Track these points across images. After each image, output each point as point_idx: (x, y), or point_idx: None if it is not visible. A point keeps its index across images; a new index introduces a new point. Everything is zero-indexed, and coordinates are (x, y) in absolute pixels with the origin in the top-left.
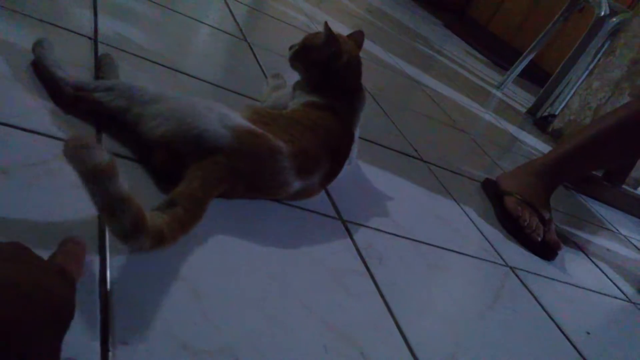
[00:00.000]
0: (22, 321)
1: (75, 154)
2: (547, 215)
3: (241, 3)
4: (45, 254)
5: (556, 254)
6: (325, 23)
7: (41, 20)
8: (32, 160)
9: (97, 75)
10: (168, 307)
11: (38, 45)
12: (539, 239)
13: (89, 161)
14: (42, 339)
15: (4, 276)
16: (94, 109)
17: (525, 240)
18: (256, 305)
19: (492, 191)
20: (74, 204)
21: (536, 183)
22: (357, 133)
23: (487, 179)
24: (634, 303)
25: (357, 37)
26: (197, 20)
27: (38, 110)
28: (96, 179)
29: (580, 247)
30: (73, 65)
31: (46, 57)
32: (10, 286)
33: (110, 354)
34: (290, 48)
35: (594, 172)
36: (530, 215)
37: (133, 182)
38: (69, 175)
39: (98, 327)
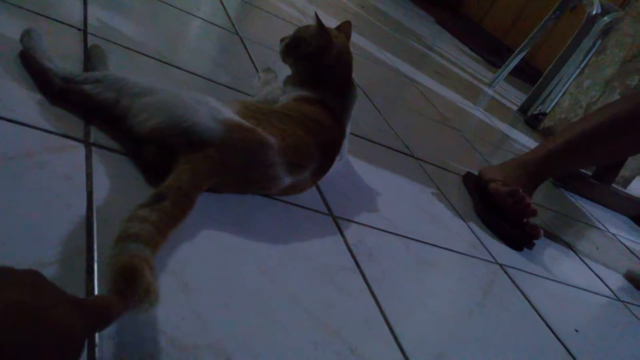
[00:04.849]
0: (33, 347)
1: None
2: None
3: None
4: (36, 249)
5: (533, 244)
6: (316, 14)
7: (30, 11)
8: (19, 152)
9: (86, 67)
10: None
11: (26, 35)
12: (535, 208)
13: None
14: None
15: (21, 301)
16: (82, 101)
17: (516, 216)
18: (246, 300)
19: (474, 183)
20: (62, 198)
21: (521, 176)
22: (349, 128)
23: (468, 172)
24: (622, 301)
25: (345, 29)
26: (189, 13)
27: (25, 101)
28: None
29: (569, 245)
30: (62, 56)
31: (34, 48)
32: (25, 311)
33: (96, 347)
34: (282, 41)
35: (583, 171)
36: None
37: (122, 176)
38: (57, 168)
39: None
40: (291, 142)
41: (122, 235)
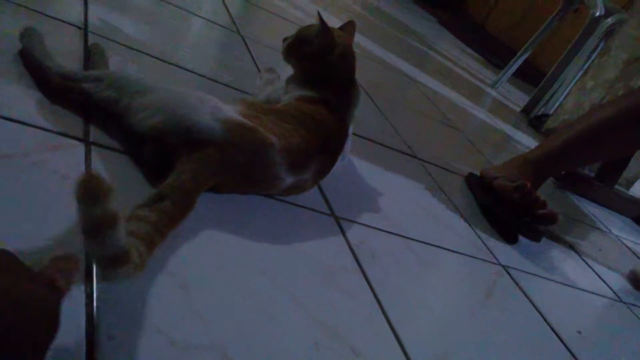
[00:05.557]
0: (9, 331)
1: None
2: None
3: None
4: (34, 249)
5: (541, 235)
6: (319, 13)
7: (30, 9)
8: (18, 151)
9: (87, 66)
10: (156, 302)
11: (26, 33)
12: (545, 203)
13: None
14: (28, 350)
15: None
16: (82, 99)
17: (526, 208)
18: (247, 301)
19: (477, 184)
20: (61, 197)
21: (524, 174)
22: (351, 128)
23: (470, 173)
24: (625, 302)
25: (349, 29)
26: (190, 12)
27: (25, 100)
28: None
29: (572, 246)
30: (62, 54)
31: (34, 46)
32: (2, 300)
33: (96, 348)
34: (284, 40)
35: (586, 172)
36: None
37: (122, 175)
38: (56, 167)
39: (84, 321)
40: (293, 141)
41: None
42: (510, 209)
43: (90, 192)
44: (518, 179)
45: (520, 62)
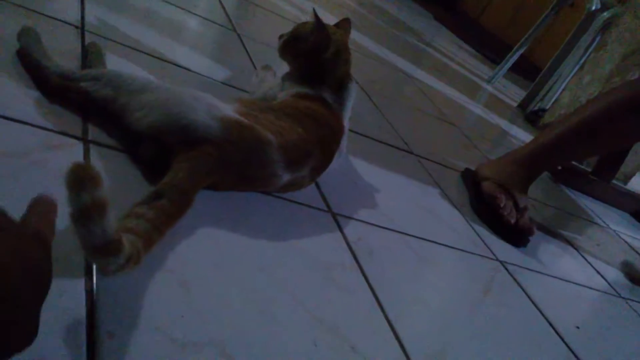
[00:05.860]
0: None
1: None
2: (522, 203)
3: None
4: None
5: (528, 240)
6: (314, 10)
7: (27, 8)
8: (17, 150)
9: (84, 65)
10: (155, 299)
11: (24, 33)
12: (513, 221)
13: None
14: (21, 307)
15: None
16: (80, 98)
17: (497, 223)
18: (245, 298)
19: (470, 181)
20: (60, 196)
21: (516, 171)
22: (347, 125)
23: (467, 168)
24: (622, 297)
25: (344, 26)
26: (186, 10)
27: (23, 99)
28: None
29: (569, 241)
30: (59, 54)
31: (32, 46)
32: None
33: (96, 345)
34: (280, 37)
35: (583, 167)
36: (507, 198)
37: (120, 173)
38: (55, 166)
39: (84, 318)
40: (290, 139)
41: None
42: (493, 213)
43: (79, 178)
44: (502, 185)
45: (516, 57)
